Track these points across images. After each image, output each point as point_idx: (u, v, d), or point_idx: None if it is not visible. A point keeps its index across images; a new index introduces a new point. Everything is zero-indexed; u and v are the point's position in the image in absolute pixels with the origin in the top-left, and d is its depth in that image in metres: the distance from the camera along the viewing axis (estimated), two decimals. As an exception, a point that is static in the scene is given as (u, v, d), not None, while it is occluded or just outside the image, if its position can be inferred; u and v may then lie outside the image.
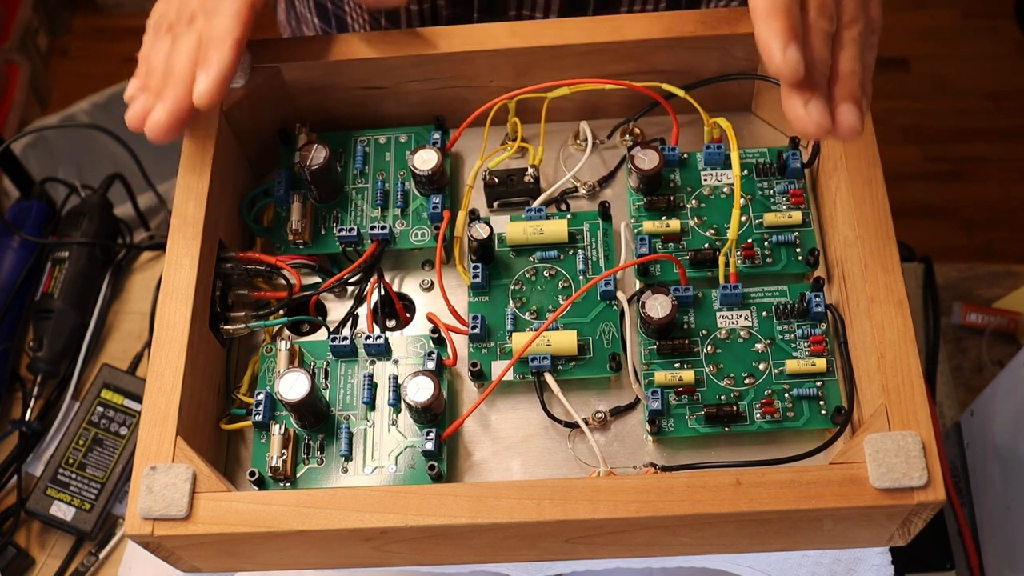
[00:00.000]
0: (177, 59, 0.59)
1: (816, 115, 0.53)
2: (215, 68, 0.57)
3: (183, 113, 0.58)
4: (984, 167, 1.95)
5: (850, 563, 0.66)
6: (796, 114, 0.53)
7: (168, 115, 0.58)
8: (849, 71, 0.55)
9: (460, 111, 0.68)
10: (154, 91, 0.59)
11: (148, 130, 0.58)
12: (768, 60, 0.53)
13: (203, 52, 0.58)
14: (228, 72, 0.58)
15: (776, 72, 0.52)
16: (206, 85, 0.57)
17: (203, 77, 0.57)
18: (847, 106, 0.54)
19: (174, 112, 0.58)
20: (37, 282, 1.00)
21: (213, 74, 0.57)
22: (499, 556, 0.60)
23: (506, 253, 0.66)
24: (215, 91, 0.57)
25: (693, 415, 0.61)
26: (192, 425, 0.58)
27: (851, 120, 0.54)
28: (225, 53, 0.57)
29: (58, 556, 0.90)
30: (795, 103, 0.53)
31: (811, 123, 0.53)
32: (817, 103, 0.53)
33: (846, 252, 0.61)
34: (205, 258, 0.62)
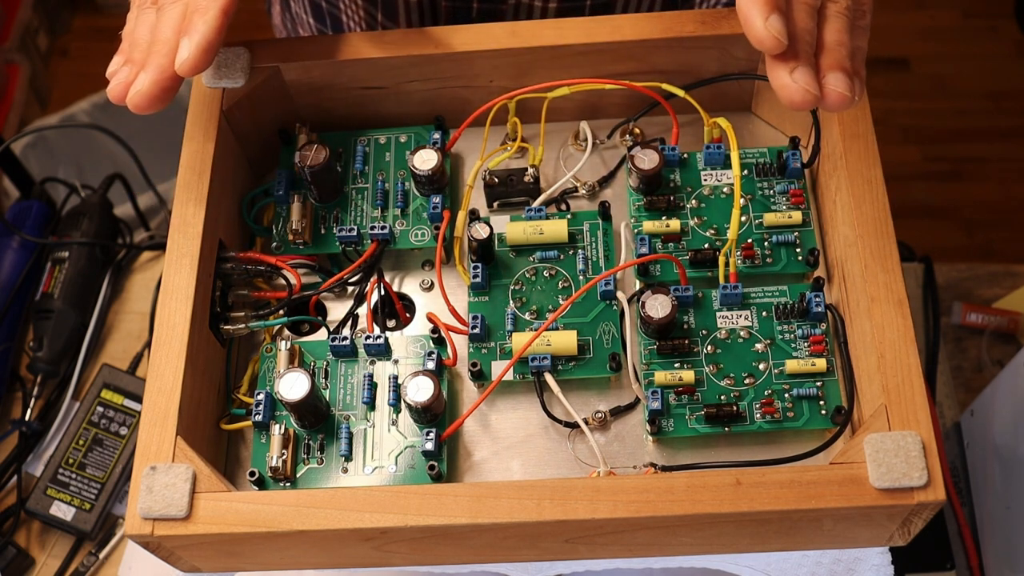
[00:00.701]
0: (162, 29, 0.57)
1: (803, 81, 0.51)
2: (199, 34, 0.55)
3: (167, 82, 0.56)
4: (984, 167, 1.95)
5: (850, 563, 0.66)
6: (782, 83, 0.52)
7: (151, 83, 0.56)
8: (835, 42, 0.53)
9: (460, 111, 0.68)
10: (138, 62, 0.57)
11: (130, 100, 0.56)
12: (749, 31, 0.51)
13: (188, 20, 0.56)
14: (213, 39, 0.56)
15: (758, 42, 0.51)
16: (190, 51, 0.55)
17: (186, 43, 0.55)
18: (835, 74, 0.52)
19: (157, 80, 0.56)
20: (37, 282, 1.00)
21: (197, 39, 0.55)
22: (499, 556, 0.60)
23: (506, 253, 0.66)
24: (199, 57, 0.55)
25: (693, 415, 0.61)
26: (192, 425, 0.58)
27: (840, 87, 0.52)
28: (210, 19, 0.56)
29: (58, 556, 0.90)
30: (780, 72, 0.51)
31: (797, 90, 0.51)
32: (803, 70, 0.51)
33: (846, 252, 0.61)
34: (205, 258, 0.62)
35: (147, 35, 0.58)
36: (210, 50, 0.56)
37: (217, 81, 0.65)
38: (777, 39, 0.50)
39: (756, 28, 0.51)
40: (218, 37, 0.56)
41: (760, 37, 0.51)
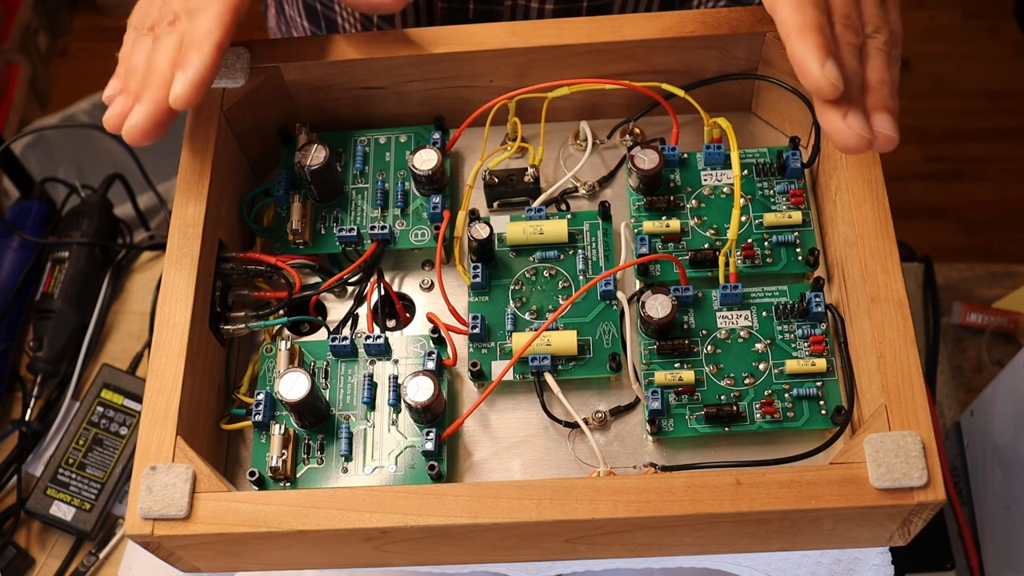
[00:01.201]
0: (157, 60, 0.58)
1: (857, 127, 0.53)
2: (193, 70, 0.56)
3: (161, 115, 0.57)
4: (984, 167, 1.95)
5: (850, 563, 0.66)
6: (836, 128, 0.54)
7: (146, 118, 0.57)
8: (878, 80, 0.55)
9: (460, 111, 0.68)
10: (133, 93, 0.58)
11: (125, 133, 0.57)
12: (805, 77, 0.53)
13: (183, 53, 0.57)
14: (207, 74, 0.57)
15: (815, 88, 0.53)
16: (183, 87, 0.56)
17: (181, 78, 0.56)
18: (882, 116, 0.54)
19: (152, 115, 0.57)
20: (37, 282, 1.00)
21: (191, 76, 0.56)
22: (499, 556, 0.60)
23: (506, 253, 0.66)
24: (192, 93, 0.56)
25: (693, 415, 0.61)
26: (192, 425, 0.58)
27: (888, 129, 0.54)
28: (205, 55, 0.56)
29: (58, 556, 0.90)
30: (833, 118, 0.53)
31: (852, 136, 0.53)
32: (856, 115, 0.53)
33: (846, 252, 0.61)
34: (205, 258, 0.62)
35: (143, 64, 0.59)
36: (203, 85, 0.56)
37: (217, 81, 0.65)
38: (835, 85, 0.52)
39: (813, 75, 0.52)
40: (212, 73, 0.57)
41: (818, 85, 0.52)
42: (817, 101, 0.54)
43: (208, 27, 0.57)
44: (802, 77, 0.53)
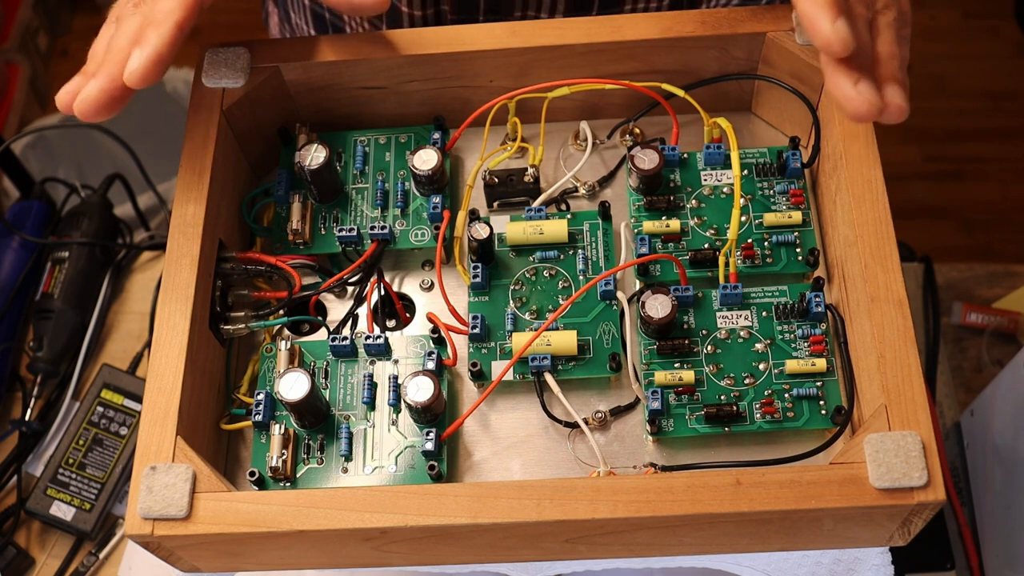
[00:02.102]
0: (117, 39, 0.57)
1: (868, 94, 0.53)
2: (151, 46, 0.55)
3: (115, 91, 0.56)
4: (984, 167, 1.95)
5: (850, 563, 0.66)
6: (846, 94, 0.53)
7: (99, 91, 0.55)
8: (889, 54, 0.55)
9: (460, 111, 0.68)
10: (89, 73, 0.57)
11: (76, 107, 0.56)
12: (815, 33, 0.52)
13: (142, 31, 0.56)
14: (164, 52, 0.55)
15: (825, 44, 0.52)
16: (138, 62, 0.55)
17: (137, 54, 0.55)
18: (893, 87, 0.54)
19: (105, 89, 0.56)
20: (37, 282, 1.00)
21: (148, 52, 0.55)
22: (499, 556, 0.60)
23: (506, 253, 0.66)
24: (148, 69, 0.55)
25: (693, 415, 0.61)
26: (192, 425, 0.58)
27: (899, 100, 0.54)
28: (164, 33, 0.55)
29: (58, 556, 0.90)
30: (844, 83, 0.53)
31: (863, 102, 0.53)
32: (867, 83, 0.53)
33: (846, 252, 0.61)
34: (205, 258, 0.62)
35: (104, 50, 0.58)
36: (161, 62, 0.55)
37: (217, 81, 0.65)
38: (845, 41, 0.51)
39: (824, 30, 0.51)
40: (170, 51, 0.56)
41: (828, 40, 0.51)
42: (828, 66, 0.53)
43: (170, 6, 0.56)
44: (812, 34, 0.52)
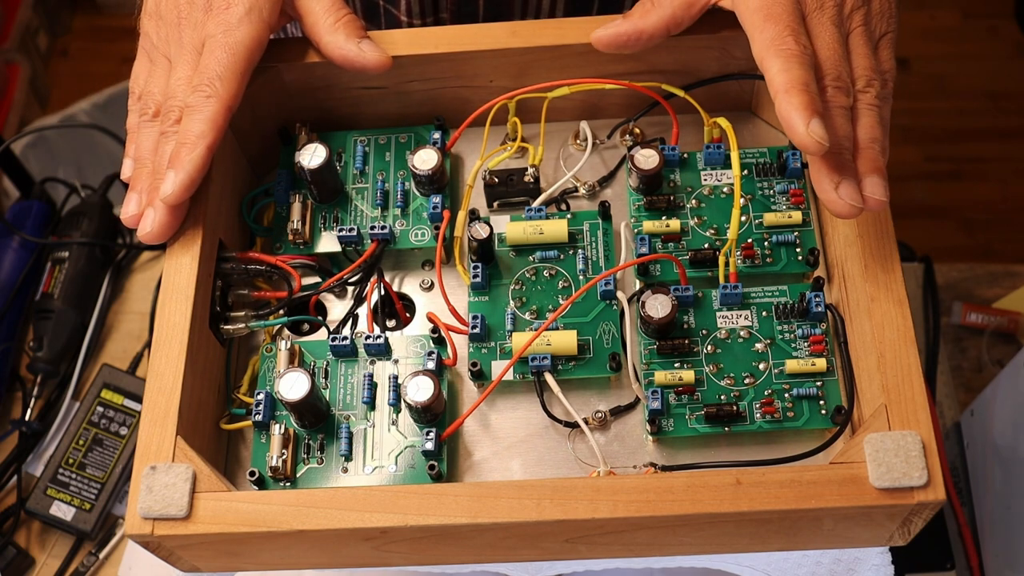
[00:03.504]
0: (161, 161, 0.61)
1: (848, 197, 0.55)
2: (184, 171, 0.59)
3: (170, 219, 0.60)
4: (984, 167, 1.95)
5: (850, 563, 0.66)
6: (828, 197, 0.55)
7: (158, 225, 0.60)
8: (869, 140, 0.57)
9: (460, 111, 0.68)
10: (145, 191, 0.61)
11: (142, 239, 0.61)
12: (792, 135, 0.54)
13: (176, 151, 0.60)
14: (196, 176, 0.60)
15: (802, 146, 0.54)
16: (173, 187, 0.59)
17: (172, 177, 0.59)
18: (872, 179, 0.56)
19: (163, 220, 0.60)
20: (37, 282, 1.00)
21: (181, 177, 0.59)
22: (499, 556, 0.60)
23: (506, 253, 0.66)
24: (181, 192, 0.59)
25: (693, 415, 0.61)
26: (192, 425, 0.58)
27: (878, 194, 0.55)
28: (196, 157, 0.59)
29: (58, 556, 0.91)
30: (826, 187, 0.55)
31: (844, 206, 0.55)
32: (847, 185, 0.55)
33: (846, 252, 0.61)
34: (205, 258, 0.62)
35: (150, 158, 0.62)
36: (193, 185, 0.60)
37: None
38: (820, 143, 0.54)
39: (800, 133, 0.54)
40: (201, 173, 0.60)
41: (804, 143, 0.54)
42: (811, 162, 0.56)
43: (201, 129, 0.60)
44: (790, 135, 0.54)
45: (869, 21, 0.60)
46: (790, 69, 0.55)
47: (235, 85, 0.61)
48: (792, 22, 0.57)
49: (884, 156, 0.57)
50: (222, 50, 0.61)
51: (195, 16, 0.63)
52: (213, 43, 0.61)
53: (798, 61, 0.55)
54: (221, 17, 0.62)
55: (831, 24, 0.58)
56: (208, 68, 0.61)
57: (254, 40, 0.62)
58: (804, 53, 0.56)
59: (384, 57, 0.64)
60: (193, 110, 0.60)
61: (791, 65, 0.55)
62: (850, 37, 0.59)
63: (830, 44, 0.57)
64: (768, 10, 0.57)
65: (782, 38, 0.56)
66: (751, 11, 0.58)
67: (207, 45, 0.62)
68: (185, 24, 0.63)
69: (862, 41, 0.59)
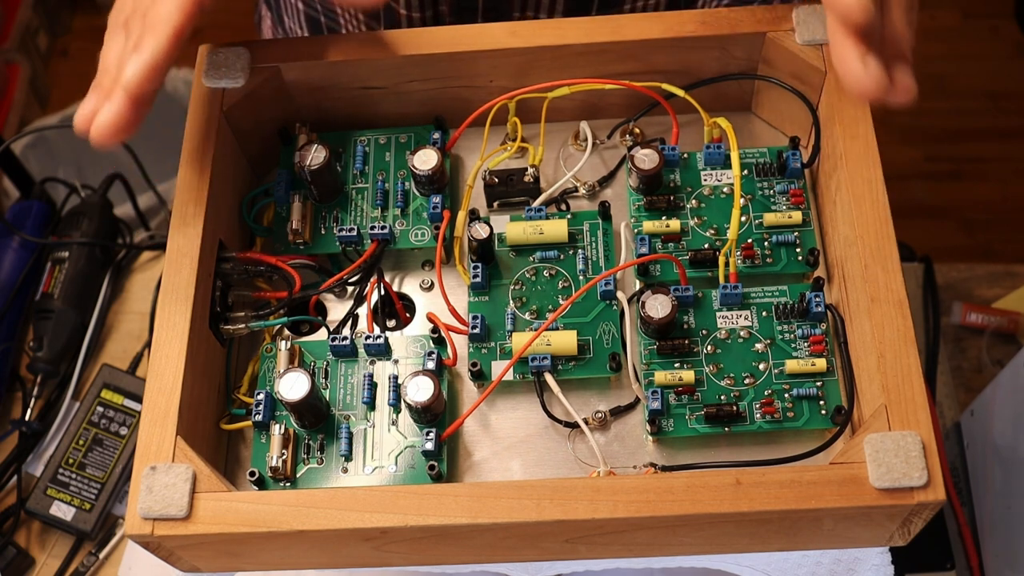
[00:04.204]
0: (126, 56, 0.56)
1: (875, 70, 0.50)
2: (146, 54, 0.54)
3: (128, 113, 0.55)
4: (984, 167, 1.95)
5: (850, 563, 0.66)
6: (851, 68, 0.51)
7: (112, 115, 0.55)
8: (899, 33, 0.53)
9: (460, 111, 0.68)
10: (105, 90, 0.56)
11: (93, 135, 0.56)
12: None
13: (140, 36, 0.55)
14: (161, 60, 0.55)
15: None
16: (134, 71, 0.54)
17: (134, 61, 0.54)
18: (901, 65, 0.52)
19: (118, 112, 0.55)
20: (37, 282, 1.00)
21: (144, 59, 0.54)
22: (499, 556, 0.60)
23: (506, 253, 0.66)
24: (144, 77, 0.54)
25: (693, 415, 0.61)
26: (192, 425, 0.58)
27: (907, 80, 0.52)
28: (160, 38, 0.54)
29: (58, 556, 0.90)
30: (850, 56, 0.51)
31: (869, 79, 0.51)
32: (874, 59, 0.50)
33: (846, 252, 0.61)
34: (205, 258, 0.62)
35: (114, 63, 0.57)
36: (157, 70, 0.55)
37: (217, 81, 0.65)
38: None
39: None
40: (168, 57, 0.55)
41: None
42: (835, 36, 0.51)
43: (168, 11, 0.55)
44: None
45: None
46: None
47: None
48: None
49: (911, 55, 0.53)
50: None
51: None
52: None
53: None
54: None
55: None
56: None
57: None
58: None
59: None
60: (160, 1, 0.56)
61: None
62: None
63: None
64: None
65: None
66: None
67: None
68: None
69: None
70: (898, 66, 0.52)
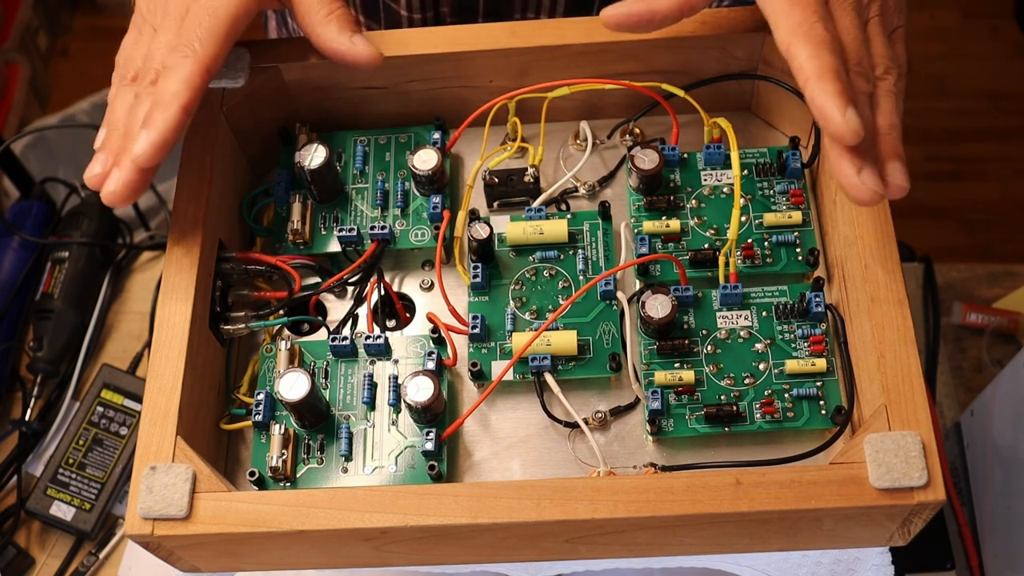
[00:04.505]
0: (133, 122, 0.59)
1: (870, 183, 0.54)
2: (156, 131, 0.57)
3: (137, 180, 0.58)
4: (984, 167, 1.95)
5: (850, 563, 0.66)
6: (850, 183, 0.54)
7: (121, 184, 0.58)
8: (889, 126, 0.56)
9: (460, 111, 0.68)
10: (113, 152, 0.59)
11: (105, 198, 0.58)
12: (827, 124, 0.53)
13: (149, 112, 0.58)
14: (169, 136, 0.57)
15: (837, 136, 0.53)
16: (144, 147, 0.57)
17: (143, 137, 0.57)
18: (893, 164, 0.55)
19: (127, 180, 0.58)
20: (37, 282, 1.00)
21: (153, 136, 0.57)
22: (499, 556, 0.60)
23: (506, 253, 0.66)
24: (153, 153, 0.57)
25: (693, 415, 0.61)
26: (192, 425, 0.58)
27: (899, 179, 0.54)
28: (169, 117, 0.57)
29: (58, 556, 0.91)
30: (848, 171, 0.54)
31: (866, 191, 0.54)
32: (869, 170, 0.54)
33: (846, 252, 0.61)
34: (205, 258, 0.62)
35: (123, 119, 0.60)
36: (165, 145, 0.57)
37: (217, 81, 0.65)
38: (856, 132, 0.52)
39: (836, 122, 0.52)
40: (176, 133, 0.58)
41: (840, 132, 0.52)
42: (832, 149, 0.54)
43: (176, 88, 0.58)
44: (823, 124, 0.53)
45: (885, 13, 0.59)
46: (820, 55, 0.53)
47: (215, 47, 0.59)
48: (818, 7, 0.55)
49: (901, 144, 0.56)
50: (204, 13, 0.60)
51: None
52: (197, 7, 0.60)
53: (828, 47, 0.54)
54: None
55: (852, 11, 0.57)
56: (189, 31, 0.59)
57: (238, 7, 0.60)
58: (833, 39, 0.54)
59: (375, 53, 0.63)
60: (170, 71, 0.58)
61: (821, 51, 0.54)
62: (868, 26, 0.58)
63: (851, 30, 0.56)
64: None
65: (810, 23, 0.54)
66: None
67: (191, 10, 0.60)
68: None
69: (879, 30, 0.58)
70: (890, 164, 0.55)
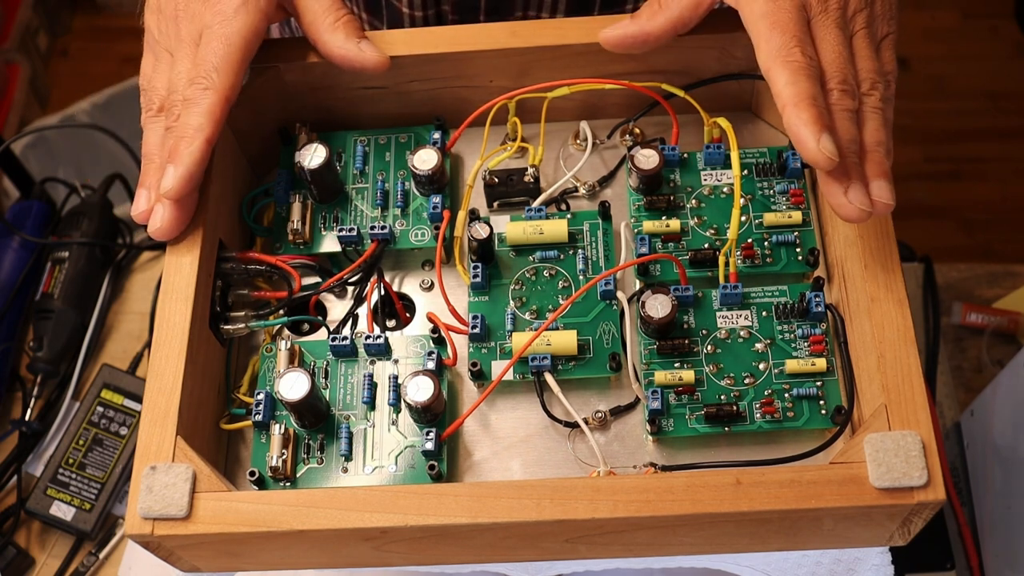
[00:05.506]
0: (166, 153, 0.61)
1: (858, 202, 0.55)
2: (181, 168, 0.59)
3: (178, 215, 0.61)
4: (984, 167, 1.96)
5: (850, 563, 0.66)
6: (837, 202, 0.55)
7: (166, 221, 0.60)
8: (875, 143, 0.57)
9: (460, 111, 0.68)
10: (153, 187, 0.61)
11: (151, 233, 0.61)
12: (802, 149, 0.54)
13: (174, 145, 0.60)
14: (195, 169, 0.60)
15: (812, 162, 0.54)
16: (172, 182, 0.59)
17: (171, 172, 0.59)
18: (879, 183, 0.56)
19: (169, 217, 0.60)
20: (37, 282, 1.00)
21: (181, 171, 0.59)
22: (499, 556, 0.60)
23: (506, 253, 0.66)
24: (182, 186, 0.59)
25: (693, 415, 0.61)
26: (192, 425, 0.58)
27: (885, 197, 0.56)
28: (193, 151, 0.59)
29: (58, 556, 0.91)
30: (835, 192, 0.55)
31: (853, 210, 0.55)
32: (856, 189, 0.55)
33: (846, 252, 0.61)
34: (205, 258, 0.62)
35: (157, 153, 0.62)
36: (193, 179, 0.60)
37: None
38: (830, 159, 0.54)
39: (810, 149, 0.54)
40: (201, 166, 0.60)
41: (815, 159, 0.54)
42: (820, 177, 0.56)
43: (199, 122, 0.60)
44: (799, 149, 0.54)
45: (872, 23, 0.60)
46: (797, 82, 0.55)
47: (232, 76, 0.61)
48: (798, 31, 0.56)
49: (889, 158, 0.57)
50: (218, 41, 0.61)
51: (192, 8, 0.63)
52: (210, 34, 0.61)
53: (805, 73, 0.55)
54: (217, 8, 0.62)
55: (835, 27, 0.58)
56: (205, 60, 0.61)
57: (250, 30, 0.62)
58: (811, 65, 0.56)
59: (383, 57, 0.64)
60: (191, 103, 0.60)
61: (798, 77, 0.55)
62: (853, 39, 0.59)
63: (835, 47, 0.57)
64: (774, 17, 0.57)
65: (788, 49, 0.56)
66: (756, 17, 0.58)
67: (204, 36, 0.62)
68: (183, 17, 0.63)
69: (865, 43, 0.59)
70: (875, 183, 0.56)
